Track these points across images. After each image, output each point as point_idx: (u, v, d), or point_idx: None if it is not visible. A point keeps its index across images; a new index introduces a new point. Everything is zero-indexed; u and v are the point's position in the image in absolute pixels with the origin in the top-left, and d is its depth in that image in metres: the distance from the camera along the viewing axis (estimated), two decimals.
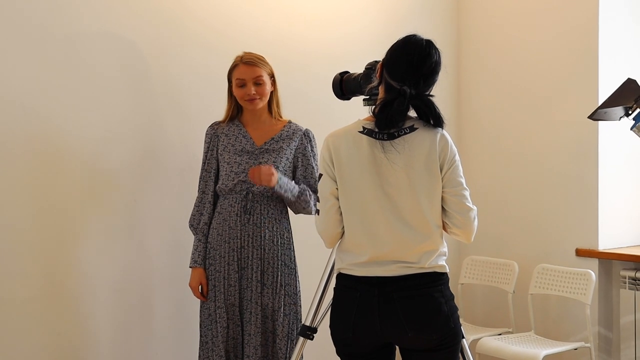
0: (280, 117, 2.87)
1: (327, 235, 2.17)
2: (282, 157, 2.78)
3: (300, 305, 2.82)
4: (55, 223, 2.80)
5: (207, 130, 2.87)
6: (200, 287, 2.78)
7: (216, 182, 2.83)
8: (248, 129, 2.82)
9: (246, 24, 3.31)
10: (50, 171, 2.78)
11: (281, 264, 2.76)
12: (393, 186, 2.05)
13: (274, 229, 2.75)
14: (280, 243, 2.76)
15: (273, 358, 2.75)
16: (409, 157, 2.04)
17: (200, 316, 2.81)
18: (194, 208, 2.84)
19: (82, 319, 2.87)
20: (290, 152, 2.81)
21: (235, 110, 2.85)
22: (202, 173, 2.85)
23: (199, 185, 2.85)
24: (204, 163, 2.85)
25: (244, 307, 2.73)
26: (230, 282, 2.73)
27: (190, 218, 2.84)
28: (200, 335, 2.79)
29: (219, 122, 2.87)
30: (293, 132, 2.83)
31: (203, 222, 2.80)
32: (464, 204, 2.08)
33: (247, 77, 2.74)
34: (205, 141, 2.86)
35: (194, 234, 2.83)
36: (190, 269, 2.80)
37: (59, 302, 2.81)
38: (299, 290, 2.82)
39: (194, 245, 2.81)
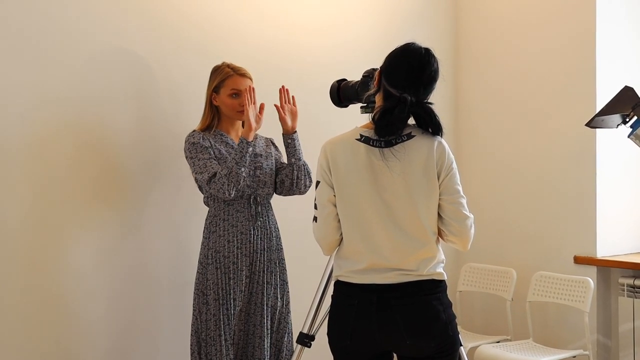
0: None
1: (325, 242, 2.17)
2: (271, 160, 2.86)
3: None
4: (53, 228, 2.80)
5: (193, 136, 2.75)
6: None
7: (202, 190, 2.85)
8: (233, 137, 2.85)
9: (244, 32, 3.32)
10: (48, 177, 2.78)
11: (283, 263, 2.85)
12: (390, 193, 2.05)
13: (277, 229, 2.85)
14: (281, 242, 2.86)
15: (280, 355, 2.79)
16: (407, 165, 2.05)
17: (199, 322, 2.74)
18: (222, 179, 2.63)
19: (80, 324, 2.86)
20: (272, 157, 2.88)
21: (215, 120, 2.84)
22: (206, 162, 2.68)
23: (208, 170, 2.67)
24: (206, 158, 2.69)
25: (251, 311, 2.76)
26: (241, 287, 2.73)
27: (229, 182, 2.63)
28: (200, 342, 2.73)
29: (199, 131, 2.80)
30: (267, 141, 2.93)
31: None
32: (460, 212, 2.08)
33: (244, 89, 2.77)
34: (195, 143, 2.73)
35: (239, 169, 2.64)
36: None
37: (57, 307, 2.80)
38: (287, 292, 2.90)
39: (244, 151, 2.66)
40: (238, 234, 2.74)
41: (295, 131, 2.84)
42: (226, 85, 2.79)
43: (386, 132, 2.04)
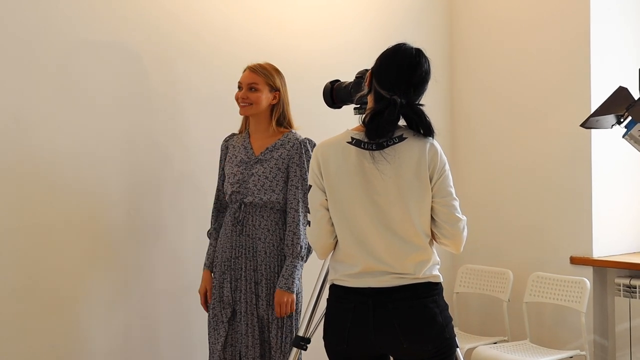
0: (289, 127, 2.82)
1: (318, 246, 2.15)
2: (272, 167, 2.74)
3: (298, 319, 2.76)
4: (49, 232, 2.79)
5: (221, 143, 2.91)
6: (205, 293, 2.82)
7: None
8: (252, 139, 2.81)
9: (239, 35, 3.31)
10: (42, 180, 2.77)
11: (275, 276, 2.72)
12: (382, 196, 2.04)
13: (267, 240, 2.72)
14: (274, 254, 2.73)
15: None
16: (399, 167, 2.03)
17: None
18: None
19: (76, 329, 2.85)
20: (282, 161, 2.74)
21: (247, 120, 2.85)
22: (218, 179, 2.89)
23: (216, 190, 2.89)
24: (219, 172, 2.89)
25: (237, 320, 2.72)
26: (224, 292, 2.73)
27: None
28: None
29: (233, 134, 2.88)
30: (288, 141, 2.77)
31: (213, 228, 2.87)
32: (453, 215, 2.06)
33: (244, 82, 2.76)
34: (221, 152, 2.90)
35: (208, 239, 2.88)
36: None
37: (53, 311, 2.79)
38: (299, 303, 2.76)
39: (207, 249, 2.87)
40: (227, 239, 2.75)
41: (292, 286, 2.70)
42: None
43: (376, 135, 2.02)
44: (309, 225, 2.15)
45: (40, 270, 2.77)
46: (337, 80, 2.59)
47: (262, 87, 2.75)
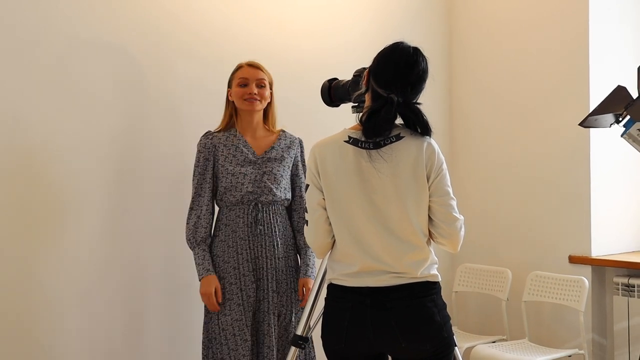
0: (274, 128, 2.85)
1: (316, 245, 2.16)
2: (285, 166, 2.77)
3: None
4: (43, 236, 2.79)
5: (200, 140, 2.79)
6: (214, 293, 2.67)
7: (214, 194, 2.78)
8: (247, 137, 2.79)
9: (238, 35, 3.32)
10: (37, 178, 2.77)
11: (294, 271, 2.78)
12: (380, 195, 2.04)
13: (285, 236, 2.76)
14: (292, 249, 2.79)
15: None
16: (396, 166, 2.03)
17: (206, 332, 2.74)
18: (188, 222, 2.74)
19: (70, 330, 2.85)
20: (291, 160, 2.82)
21: (232, 118, 2.81)
22: (196, 184, 2.75)
23: (193, 197, 2.76)
24: (200, 175, 2.75)
25: (259, 320, 2.71)
26: (249, 293, 2.69)
27: (187, 233, 2.74)
28: (208, 352, 2.71)
29: (214, 132, 2.81)
30: (291, 142, 2.84)
31: (203, 234, 2.72)
32: (450, 214, 2.06)
33: (251, 77, 2.75)
34: (199, 151, 2.77)
35: (192, 247, 2.74)
36: (201, 279, 2.70)
37: (42, 315, 2.79)
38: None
39: (198, 257, 2.71)
40: (238, 239, 2.70)
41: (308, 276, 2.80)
42: (236, 77, 2.78)
43: (373, 134, 2.02)
44: (307, 225, 2.15)
45: (39, 269, 2.77)
46: (335, 79, 2.60)
47: (267, 84, 2.79)
